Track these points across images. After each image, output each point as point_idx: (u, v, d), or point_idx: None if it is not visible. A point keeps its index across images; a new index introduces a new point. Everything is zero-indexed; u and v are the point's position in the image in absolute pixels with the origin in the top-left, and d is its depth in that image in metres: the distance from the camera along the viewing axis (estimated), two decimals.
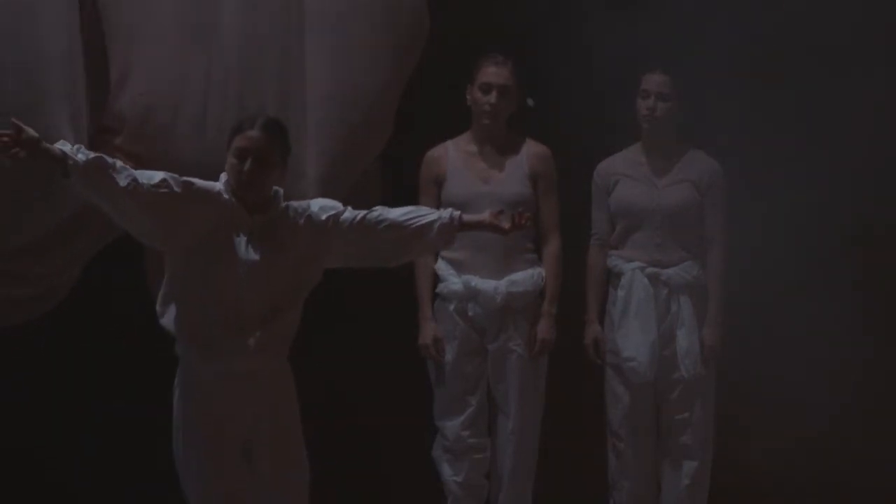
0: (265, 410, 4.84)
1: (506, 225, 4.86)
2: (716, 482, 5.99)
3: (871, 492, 6.37)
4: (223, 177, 4.79)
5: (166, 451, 4.89)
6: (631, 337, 5.85)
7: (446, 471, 5.79)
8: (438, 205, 5.75)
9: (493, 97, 5.70)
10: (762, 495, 6.41)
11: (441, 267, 5.79)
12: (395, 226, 4.82)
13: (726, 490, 6.14)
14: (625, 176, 5.97)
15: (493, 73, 5.71)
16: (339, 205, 4.86)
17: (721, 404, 5.96)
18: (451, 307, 5.77)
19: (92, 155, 4.61)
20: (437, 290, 5.80)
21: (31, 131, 4.51)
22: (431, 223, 4.82)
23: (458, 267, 5.76)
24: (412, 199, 5.77)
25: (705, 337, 5.87)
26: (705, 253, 5.92)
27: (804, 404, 6.33)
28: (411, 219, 4.83)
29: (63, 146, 4.58)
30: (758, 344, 6.29)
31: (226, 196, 4.77)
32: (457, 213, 4.87)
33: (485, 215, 4.92)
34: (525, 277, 5.74)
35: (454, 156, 5.78)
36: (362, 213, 4.82)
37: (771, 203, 6.33)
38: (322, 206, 4.86)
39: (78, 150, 4.60)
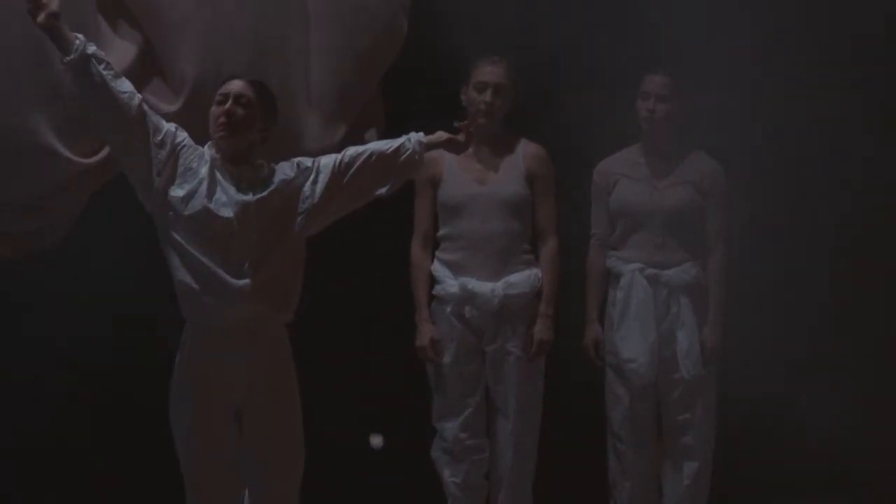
0: (259, 379, 4.93)
1: (461, 139, 5.17)
2: (716, 482, 5.98)
3: (872, 490, 6.37)
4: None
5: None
6: (630, 339, 5.84)
7: (445, 472, 5.78)
8: (435, 208, 5.80)
9: (488, 95, 5.68)
10: (763, 495, 6.40)
11: (437, 268, 5.77)
12: (377, 153, 5.07)
13: (727, 490, 6.13)
14: (624, 176, 5.95)
15: (488, 71, 5.70)
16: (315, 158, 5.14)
17: (722, 404, 5.93)
18: (448, 309, 5.74)
19: (101, 52, 4.84)
20: (434, 291, 5.78)
21: (56, 5, 4.70)
22: (403, 143, 5.10)
23: (455, 269, 5.73)
24: (408, 199, 5.79)
25: (706, 338, 5.85)
26: (706, 254, 5.90)
27: (804, 404, 6.32)
28: (385, 144, 5.12)
29: (78, 35, 4.80)
30: (757, 344, 6.27)
31: (210, 151, 4.95)
32: (417, 135, 5.11)
33: (442, 135, 5.17)
34: (522, 279, 5.71)
35: (450, 157, 5.72)
36: (339, 155, 5.08)
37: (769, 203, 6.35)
38: (303, 158, 5.09)
39: (88, 42, 4.81)
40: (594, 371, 5.98)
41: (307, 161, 5.07)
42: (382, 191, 5.12)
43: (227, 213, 4.87)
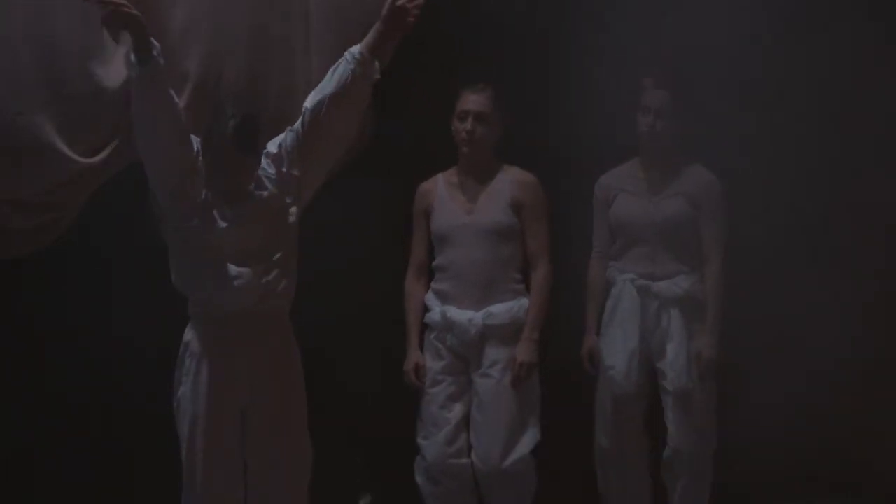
0: (265, 377, 4.99)
1: (398, 2, 4.97)
2: (715, 490, 6.04)
3: (873, 492, 6.40)
4: None
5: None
6: (612, 346, 5.92)
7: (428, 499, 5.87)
8: (429, 238, 5.85)
9: (468, 124, 5.68)
10: (763, 495, 6.41)
11: (429, 298, 5.85)
12: (335, 96, 5.01)
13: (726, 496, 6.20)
14: (623, 191, 5.99)
15: (470, 100, 5.70)
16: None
17: (721, 410, 5.98)
18: (433, 336, 5.83)
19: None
20: (425, 319, 5.86)
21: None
22: (349, 75, 4.99)
23: (443, 297, 5.81)
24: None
25: (702, 349, 5.87)
26: (702, 266, 5.92)
27: (804, 405, 6.30)
28: (337, 82, 5.01)
29: (155, 43, 4.84)
30: (756, 347, 6.28)
31: None
32: (355, 48, 5.01)
33: (378, 24, 5.02)
34: (503, 310, 5.73)
35: (442, 188, 5.82)
36: (301, 117, 5.05)
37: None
38: (269, 144, 5.10)
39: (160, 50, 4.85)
40: (592, 379, 6.03)
41: (272, 148, 5.08)
42: (352, 129, 5.14)
43: (224, 224, 4.97)
